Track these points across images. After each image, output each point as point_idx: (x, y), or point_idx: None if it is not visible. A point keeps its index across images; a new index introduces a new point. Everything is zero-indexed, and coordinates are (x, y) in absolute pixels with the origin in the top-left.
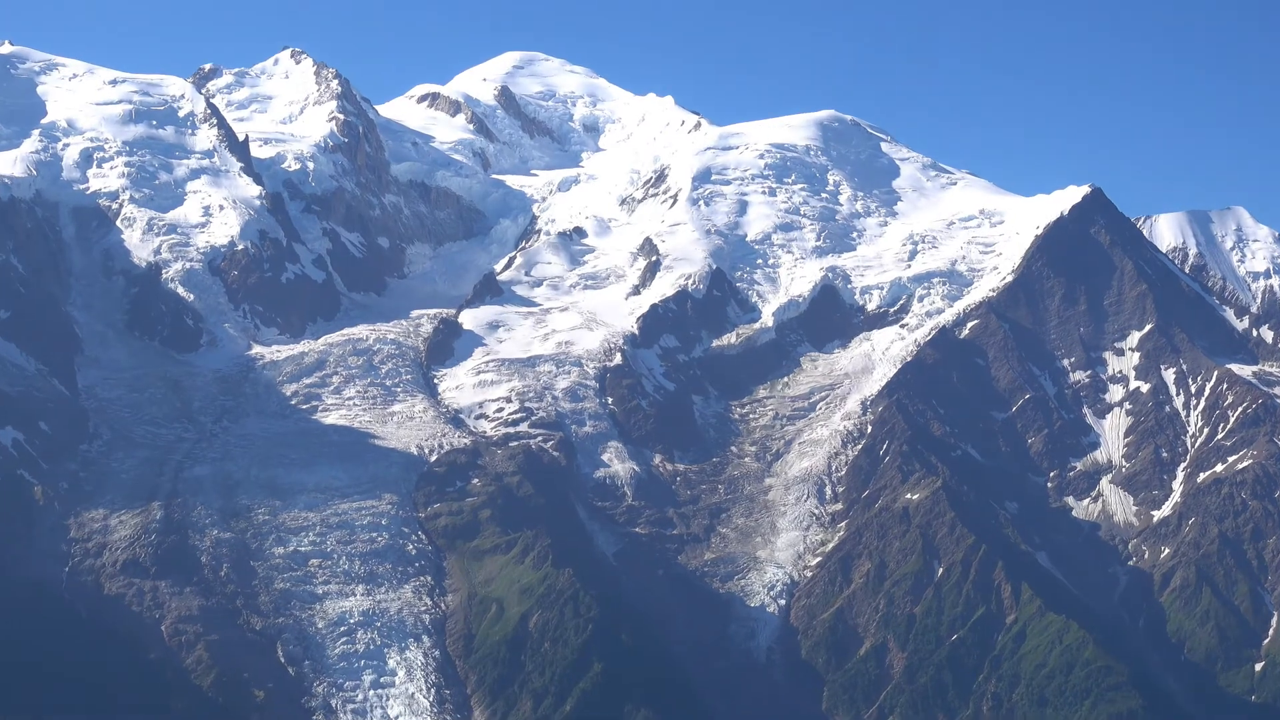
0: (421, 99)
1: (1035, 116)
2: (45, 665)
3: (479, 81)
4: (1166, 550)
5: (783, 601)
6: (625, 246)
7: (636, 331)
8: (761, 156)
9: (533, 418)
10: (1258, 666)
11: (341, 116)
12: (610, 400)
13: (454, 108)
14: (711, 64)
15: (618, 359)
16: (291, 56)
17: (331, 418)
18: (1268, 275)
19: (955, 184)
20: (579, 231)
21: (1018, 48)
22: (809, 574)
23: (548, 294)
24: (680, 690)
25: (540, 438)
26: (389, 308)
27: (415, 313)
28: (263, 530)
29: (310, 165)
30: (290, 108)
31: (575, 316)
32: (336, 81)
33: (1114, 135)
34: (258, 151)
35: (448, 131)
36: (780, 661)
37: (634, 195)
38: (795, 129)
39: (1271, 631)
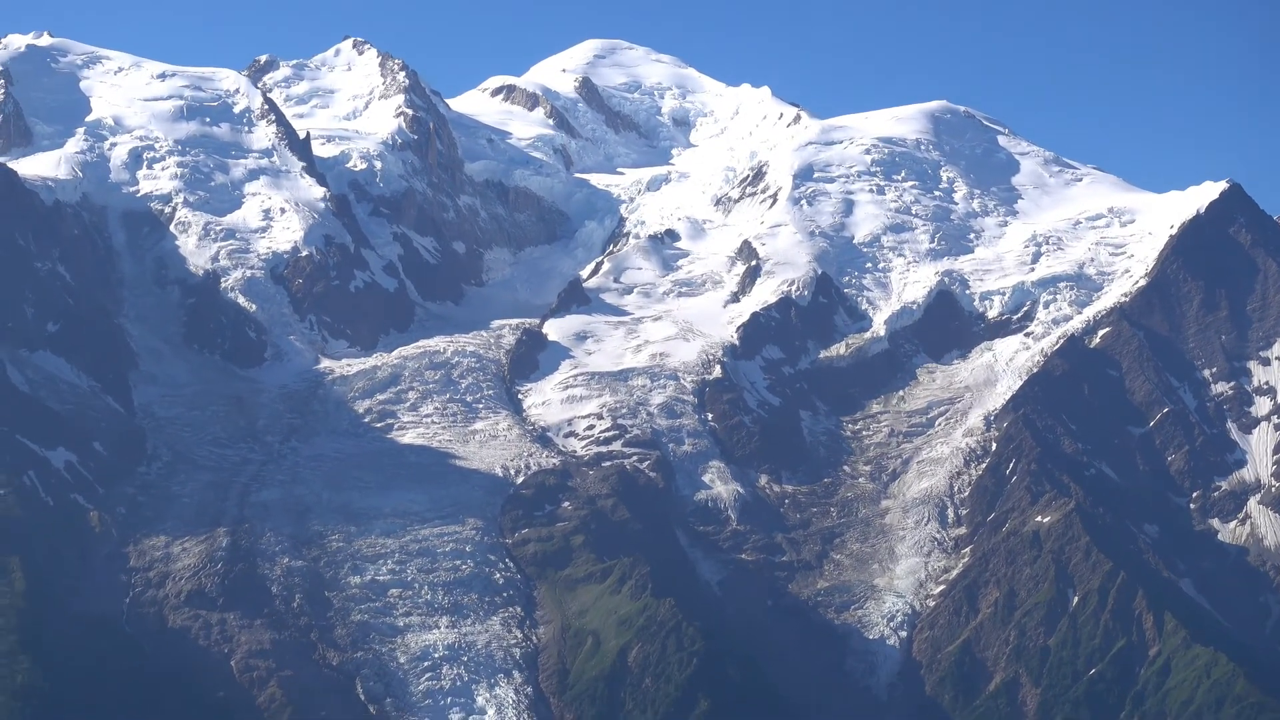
0: (496, 92)
1: (1167, 107)
2: (106, 704)
3: (558, 72)
4: None
5: (904, 633)
6: (722, 250)
7: (737, 342)
8: (868, 152)
9: (626, 436)
10: None
11: (410, 111)
12: (710, 416)
13: (532, 101)
14: (811, 51)
15: (717, 371)
16: (354, 47)
17: (408, 437)
18: None
19: (1081, 180)
20: (671, 234)
21: (1146, 32)
22: (932, 604)
23: (639, 302)
24: None
25: (635, 457)
26: (467, 318)
27: (496, 323)
28: (337, 558)
29: (377, 165)
30: (354, 102)
31: (670, 326)
32: (404, 73)
33: (1253, 127)
34: (320, 150)
35: (525, 127)
36: (902, 699)
37: (730, 194)
38: (904, 121)
39: None
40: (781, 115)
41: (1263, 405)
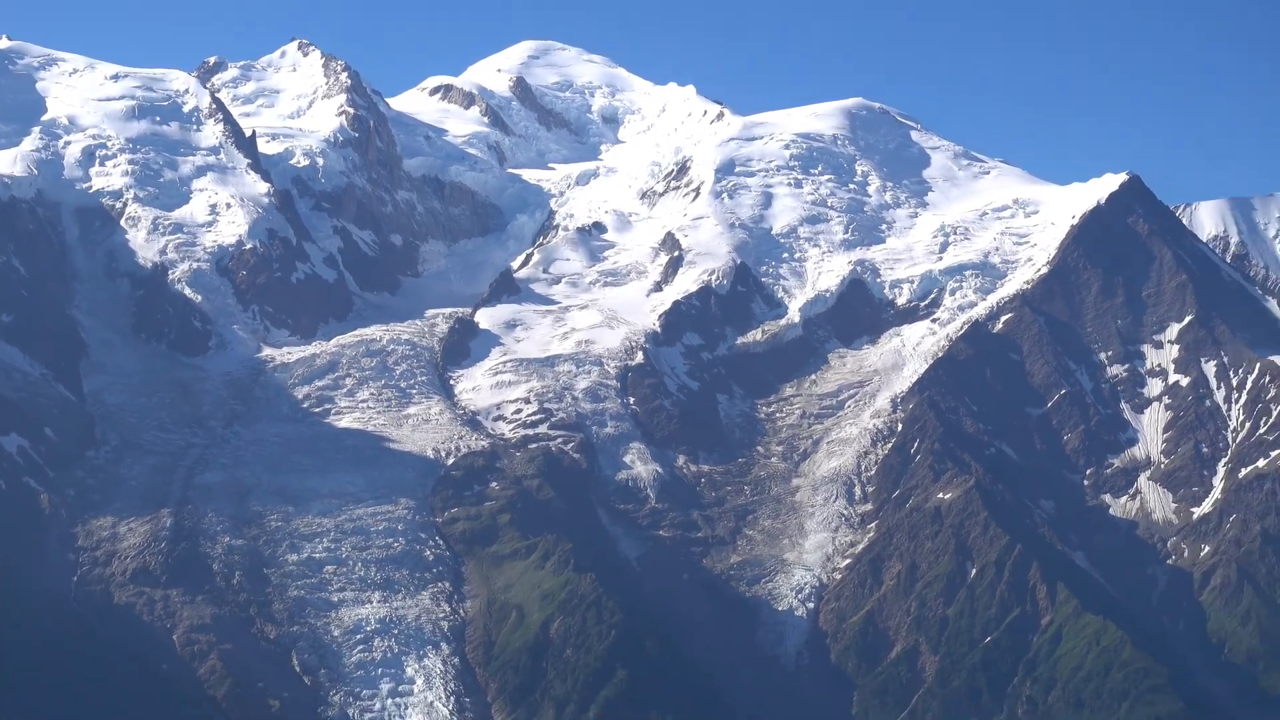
0: (434, 91)
1: (1070, 102)
2: (54, 677)
3: (493, 72)
4: (1206, 548)
5: (811, 605)
6: (646, 242)
7: (659, 329)
8: (787, 147)
9: (552, 419)
10: None
11: (351, 110)
12: (632, 400)
13: (468, 100)
14: (734, 51)
15: (639, 358)
16: (299, 49)
17: (345, 421)
18: None
19: (988, 173)
20: (598, 226)
21: (1052, 31)
22: (838, 577)
23: (567, 291)
24: (706, 698)
25: (560, 439)
26: (403, 307)
27: (430, 312)
28: (276, 537)
29: (320, 161)
30: (298, 102)
31: (595, 314)
32: (346, 74)
33: (1152, 121)
34: (265, 147)
35: (461, 125)
36: (809, 666)
37: (655, 188)
38: (821, 118)
39: None
40: (705, 112)
41: (1155, 387)
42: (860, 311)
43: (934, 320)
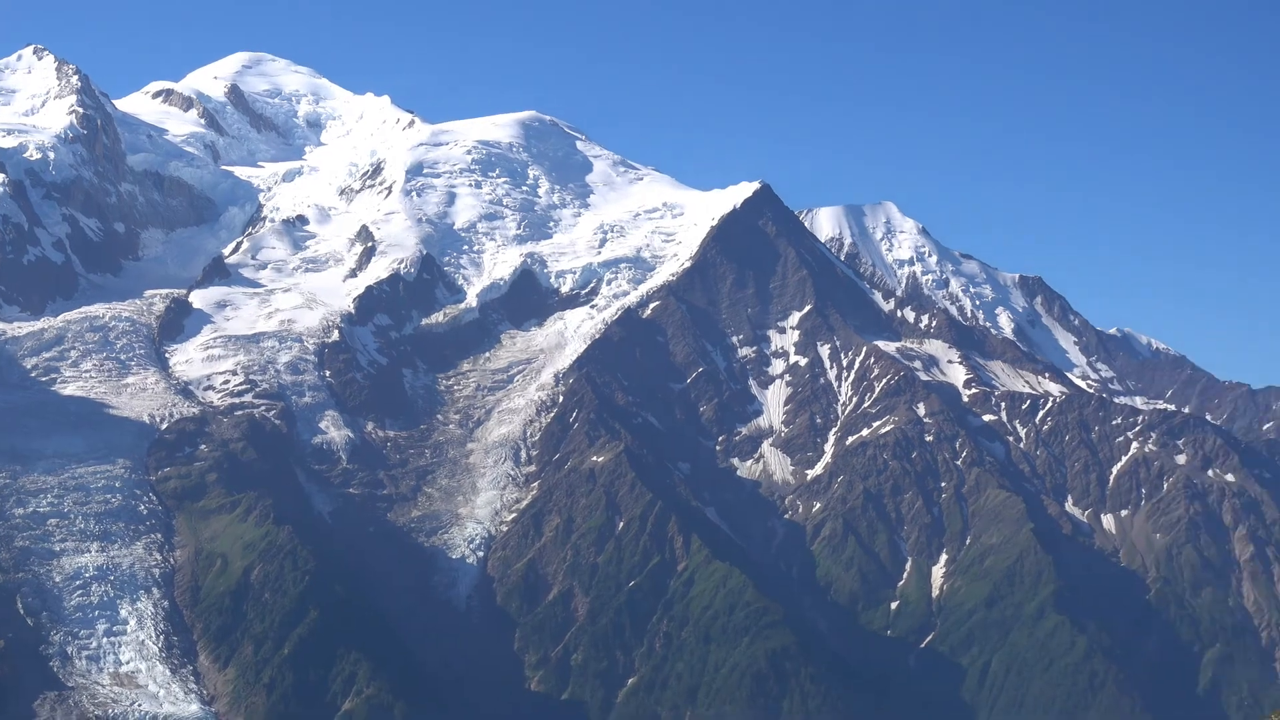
0: (156, 95)
1: (712, 117)
2: None
3: (210, 79)
4: (818, 505)
5: (481, 554)
6: (344, 233)
7: (353, 311)
8: (469, 152)
9: (256, 389)
10: (893, 605)
11: (81, 110)
12: (328, 373)
13: (187, 103)
14: (425, 66)
15: (335, 336)
16: (34, 53)
17: (69, 389)
18: (911, 263)
19: (642, 179)
20: (301, 219)
21: (697, 53)
22: (505, 529)
23: (272, 276)
24: (388, 634)
25: (263, 407)
26: (124, 288)
27: (149, 293)
28: (3, 493)
29: (51, 155)
30: (33, 101)
31: (297, 297)
32: (76, 77)
33: (783, 135)
34: (1, 141)
35: (180, 125)
36: (478, 607)
37: (352, 186)
38: (500, 127)
39: (906, 575)
40: (398, 120)
41: (778, 366)
42: (529, 298)
43: (592, 306)
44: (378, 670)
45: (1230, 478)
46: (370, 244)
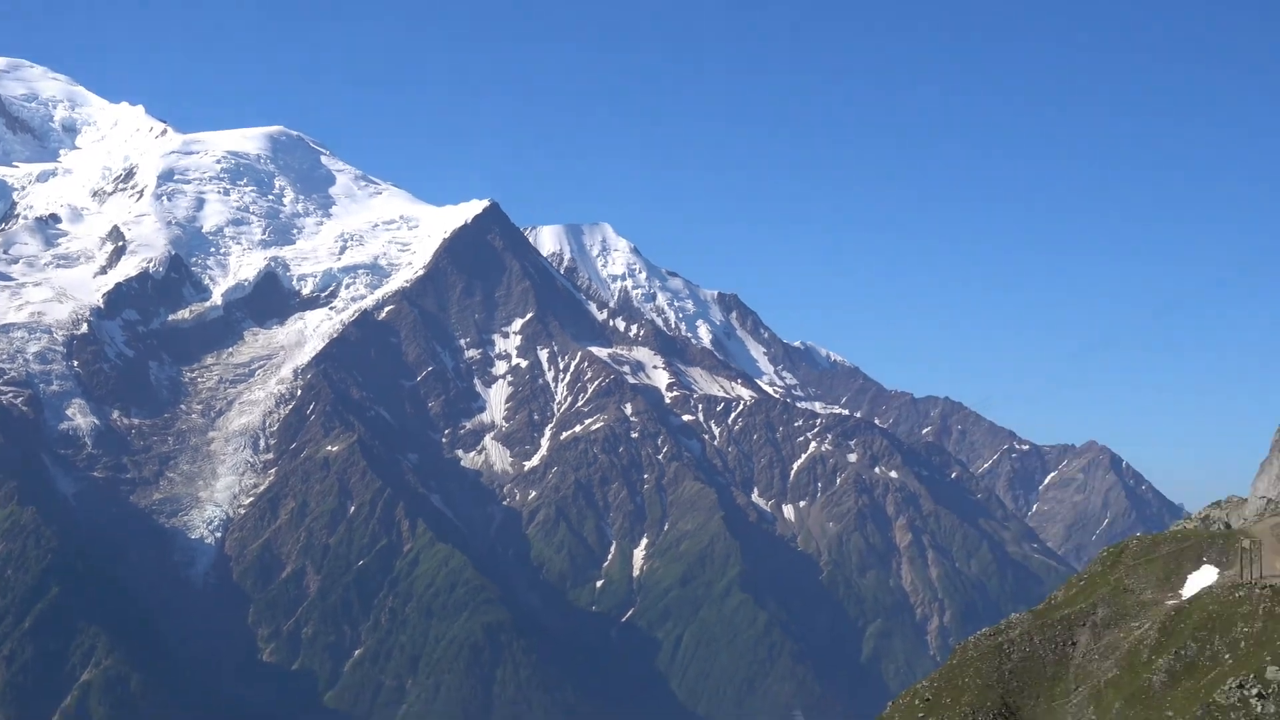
0: None
1: (449, 138)
2: None
3: None
4: (534, 493)
5: (219, 535)
6: (95, 232)
7: (102, 305)
8: (219, 161)
9: (5, 377)
10: (598, 584)
11: None
12: (76, 363)
13: None
14: (179, 78)
15: (84, 328)
16: None
17: None
18: (623, 278)
19: (381, 193)
20: (54, 218)
21: (439, 72)
22: (242, 512)
23: (24, 271)
24: (129, 610)
25: (11, 394)
26: None
27: None
28: None
29: None
30: None
31: (48, 291)
32: None
33: (511, 158)
34: None
35: None
36: (215, 584)
37: (105, 189)
38: (249, 139)
39: (610, 557)
40: (152, 128)
41: (501, 367)
42: (272, 298)
43: (331, 308)
44: (116, 643)
45: (894, 474)
46: (121, 243)
